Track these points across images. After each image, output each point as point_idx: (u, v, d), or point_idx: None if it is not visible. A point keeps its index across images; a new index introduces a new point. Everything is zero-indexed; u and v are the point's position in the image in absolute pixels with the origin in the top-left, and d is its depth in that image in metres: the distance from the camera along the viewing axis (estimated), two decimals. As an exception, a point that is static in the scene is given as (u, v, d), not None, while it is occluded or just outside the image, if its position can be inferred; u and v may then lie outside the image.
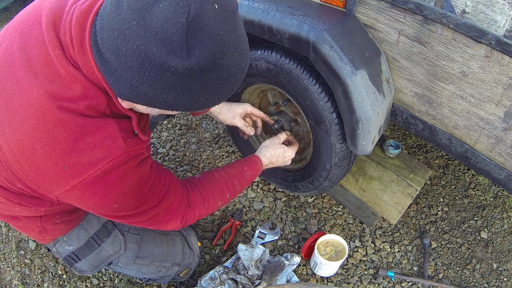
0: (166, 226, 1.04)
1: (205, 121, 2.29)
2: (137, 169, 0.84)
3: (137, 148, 0.83)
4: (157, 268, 1.29)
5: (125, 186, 0.82)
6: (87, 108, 0.75)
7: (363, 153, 1.27)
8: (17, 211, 1.01)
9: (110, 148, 0.76)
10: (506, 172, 1.12)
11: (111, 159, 0.76)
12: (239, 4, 1.30)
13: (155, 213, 0.97)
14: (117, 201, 0.83)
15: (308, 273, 1.58)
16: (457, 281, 1.58)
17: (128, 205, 0.87)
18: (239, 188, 1.20)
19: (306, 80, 1.26)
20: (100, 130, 0.76)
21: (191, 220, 1.09)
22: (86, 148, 0.74)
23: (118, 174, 0.79)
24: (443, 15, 1.00)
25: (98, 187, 0.78)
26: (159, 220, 1.00)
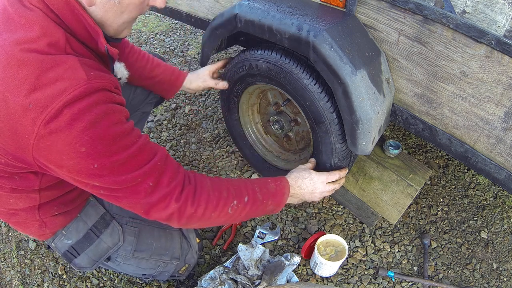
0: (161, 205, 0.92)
1: (205, 121, 2.29)
2: (105, 106, 0.81)
3: (102, 81, 0.82)
4: (156, 263, 1.29)
5: (90, 121, 0.78)
6: (48, 46, 0.78)
7: (363, 153, 1.27)
8: (13, 204, 1.01)
9: (71, 79, 0.77)
10: (506, 172, 1.12)
11: (73, 89, 0.76)
12: (239, 4, 1.30)
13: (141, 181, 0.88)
14: (83, 141, 0.78)
15: (308, 273, 1.58)
16: (457, 281, 1.58)
17: (96, 150, 0.80)
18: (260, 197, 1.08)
19: (306, 80, 1.26)
20: (61, 64, 0.77)
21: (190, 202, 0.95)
22: (48, 83, 0.75)
23: (82, 106, 0.77)
24: (443, 15, 1.00)
25: (62, 121, 0.76)
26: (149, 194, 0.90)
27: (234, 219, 1.07)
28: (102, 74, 0.84)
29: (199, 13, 1.78)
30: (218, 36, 1.44)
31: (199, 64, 1.64)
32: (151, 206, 0.92)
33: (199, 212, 0.98)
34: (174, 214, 0.95)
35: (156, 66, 1.47)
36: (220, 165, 2.00)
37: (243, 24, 1.30)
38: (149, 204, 0.92)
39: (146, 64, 1.45)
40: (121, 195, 0.90)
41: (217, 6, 1.65)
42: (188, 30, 3.22)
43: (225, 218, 1.04)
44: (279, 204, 1.16)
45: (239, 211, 1.05)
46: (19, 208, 1.04)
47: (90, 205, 1.21)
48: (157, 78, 1.48)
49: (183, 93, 2.52)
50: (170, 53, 2.94)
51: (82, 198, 1.18)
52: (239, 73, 1.48)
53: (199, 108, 2.38)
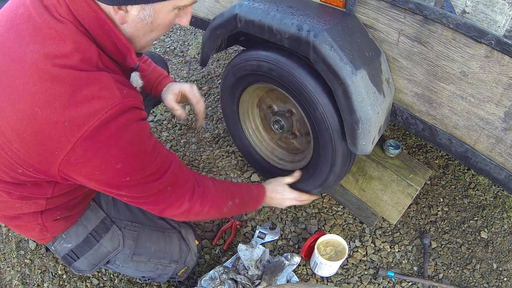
0: (175, 206, 1.04)
1: (205, 121, 2.29)
2: (136, 124, 0.84)
3: (133, 99, 0.84)
4: (155, 266, 1.29)
5: (126, 140, 0.82)
6: (81, 62, 0.77)
7: (363, 153, 1.27)
8: (17, 208, 1.01)
9: (107, 99, 0.77)
10: (506, 172, 1.12)
11: (109, 108, 0.77)
12: (239, 4, 1.30)
13: (162, 187, 0.97)
14: (119, 159, 0.82)
15: (308, 273, 1.58)
16: (457, 281, 1.58)
17: (131, 166, 0.85)
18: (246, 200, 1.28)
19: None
20: (96, 82, 0.77)
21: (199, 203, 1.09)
22: (83, 101, 0.75)
23: (118, 125, 0.79)
24: (443, 15, 1.00)
25: (99, 140, 0.78)
26: (167, 197, 1.00)
27: (224, 216, 1.25)
28: (132, 92, 0.86)
29: (199, 13, 1.78)
30: (218, 36, 1.43)
31: (199, 64, 1.63)
32: (168, 206, 1.03)
33: (205, 210, 1.11)
34: (185, 212, 1.07)
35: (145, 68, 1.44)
36: (220, 165, 2.00)
37: (243, 24, 1.30)
38: (166, 205, 1.02)
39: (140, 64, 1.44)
40: (143, 201, 0.97)
41: (217, 6, 1.65)
42: (188, 30, 3.22)
43: (219, 214, 1.20)
44: (255, 207, 1.37)
45: (230, 210, 1.21)
46: (23, 213, 1.03)
47: (91, 209, 1.20)
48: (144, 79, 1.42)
49: (183, 93, 2.52)
50: (170, 53, 2.94)
51: (84, 203, 1.18)
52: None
53: (199, 108, 2.38)
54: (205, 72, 2.70)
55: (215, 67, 2.75)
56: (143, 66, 1.42)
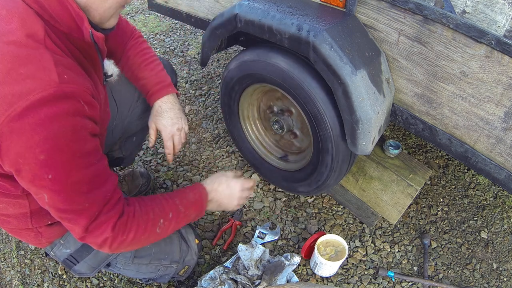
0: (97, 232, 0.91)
1: (205, 121, 2.29)
2: (73, 120, 0.79)
3: (73, 87, 0.79)
4: (156, 267, 1.29)
5: (55, 132, 0.76)
6: (26, 37, 0.76)
7: (363, 153, 1.27)
8: (2, 209, 1.00)
9: (41, 80, 0.74)
10: (506, 172, 1.12)
11: (41, 90, 0.74)
12: (239, 4, 1.30)
13: (87, 207, 0.87)
14: (43, 149, 0.76)
15: (308, 273, 1.58)
16: (457, 281, 1.58)
17: (55, 161, 0.78)
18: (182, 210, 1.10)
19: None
20: (34, 62, 0.75)
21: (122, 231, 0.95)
22: (18, 79, 0.73)
23: (49, 113, 0.75)
24: (443, 15, 1.00)
25: (26, 122, 0.73)
26: (93, 220, 0.89)
27: (162, 236, 1.08)
28: (77, 79, 0.81)
29: (199, 13, 1.78)
30: (218, 36, 1.43)
31: (199, 64, 1.63)
32: (89, 232, 0.91)
33: (129, 238, 0.98)
34: (107, 241, 0.94)
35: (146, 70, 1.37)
36: (220, 165, 2.00)
37: (243, 24, 1.30)
38: (88, 230, 0.91)
39: (140, 64, 1.36)
40: (64, 217, 0.88)
41: (217, 6, 1.65)
42: (188, 30, 3.22)
43: (154, 237, 1.05)
44: (200, 211, 1.18)
45: (166, 228, 1.06)
46: (9, 214, 1.02)
47: None
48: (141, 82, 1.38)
49: (183, 93, 2.52)
50: (170, 53, 2.94)
51: None
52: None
53: (199, 108, 2.38)
54: (205, 72, 2.70)
55: (215, 67, 2.75)
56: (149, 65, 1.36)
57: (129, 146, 1.60)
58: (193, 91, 2.53)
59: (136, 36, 1.38)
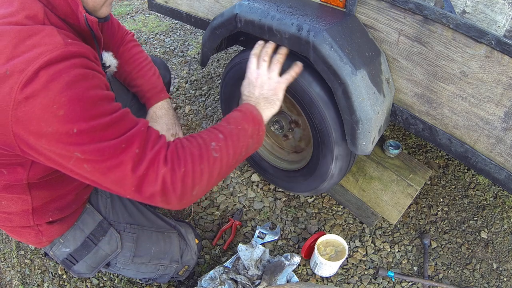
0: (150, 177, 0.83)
1: (205, 121, 2.29)
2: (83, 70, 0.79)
3: (79, 49, 0.80)
4: (156, 267, 1.29)
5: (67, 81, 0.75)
6: (26, 18, 0.79)
7: (363, 153, 1.27)
8: (5, 206, 1.01)
9: (48, 45, 0.76)
10: (506, 172, 1.12)
11: (49, 52, 0.75)
12: (239, 4, 1.30)
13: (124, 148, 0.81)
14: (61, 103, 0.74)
15: (308, 273, 1.58)
16: (457, 281, 1.58)
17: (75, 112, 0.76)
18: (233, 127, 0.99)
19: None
20: (38, 32, 0.78)
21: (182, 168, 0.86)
22: (25, 50, 0.75)
23: (59, 67, 0.76)
24: (443, 15, 1.00)
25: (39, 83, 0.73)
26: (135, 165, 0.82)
27: (227, 162, 0.96)
28: (80, 43, 0.83)
29: (199, 13, 1.78)
30: (218, 36, 1.43)
31: (199, 64, 1.63)
32: (141, 178, 0.83)
33: (189, 169, 0.88)
34: (166, 181, 0.85)
35: (138, 77, 1.38)
36: (220, 165, 2.00)
37: (243, 24, 1.30)
38: (139, 176, 0.83)
39: (132, 71, 1.38)
40: (106, 168, 0.81)
41: (217, 6, 1.65)
42: (188, 30, 3.22)
43: (217, 164, 0.94)
44: (255, 120, 1.06)
45: (224, 149, 0.95)
46: (12, 212, 1.03)
47: (87, 212, 1.20)
48: (135, 89, 1.41)
49: (183, 93, 2.52)
50: (170, 53, 2.94)
51: (77, 204, 1.16)
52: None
53: (199, 108, 2.38)
54: (205, 72, 2.70)
55: (215, 67, 2.75)
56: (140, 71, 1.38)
57: None
58: (193, 91, 2.53)
59: (126, 41, 1.39)
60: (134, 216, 1.28)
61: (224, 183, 1.91)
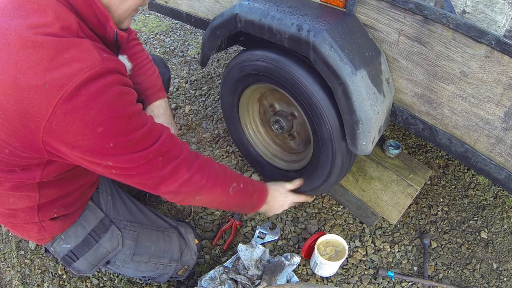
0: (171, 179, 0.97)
1: (205, 121, 2.29)
2: (118, 88, 0.83)
3: (114, 64, 0.84)
4: (155, 266, 1.29)
5: (107, 101, 0.80)
6: (61, 30, 0.79)
7: (363, 153, 1.27)
8: (12, 203, 1.01)
9: (87, 61, 0.78)
10: (506, 172, 1.12)
11: (88, 69, 0.77)
12: (239, 4, 1.30)
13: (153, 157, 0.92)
14: (100, 121, 0.80)
15: (308, 273, 1.58)
16: (457, 281, 1.58)
17: (114, 129, 0.83)
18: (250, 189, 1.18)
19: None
20: (76, 46, 0.79)
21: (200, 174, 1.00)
22: (64, 64, 0.76)
23: (98, 86, 0.79)
24: (443, 15, 1.00)
25: (79, 101, 0.77)
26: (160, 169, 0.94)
27: (228, 202, 1.12)
28: (114, 58, 0.87)
29: (199, 13, 1.78)
30: (218, 36, 1.44)
31: (199, 64, 1.63)
32: (163, 179, 0.96)
33: (209, 185, 1.03)
34: (183, 185, 0.99)
35: (138, 75, 1.42)
36: (220, 165, 2.00)
37: (243, 24, 1.30)
38: (161, 178, 0.96)
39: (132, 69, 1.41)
40: (133, 173, 0.92)
41: (217, 6, 1.65)
42: (188, 30, 3.22)
43: (225, 197, 1.09)
44: (259, 202, 1.25)
45: (237, 195, 1.11)
46: (18, 208, 1.03)
47: (89, 209, 1.20)
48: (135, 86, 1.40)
49: (183, 93, 2.52)
50: (170, 53, 2.94)
51: (81, 201, 1.17)
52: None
53: (199, 108, 2.38)
54: (205, 72, 2.70)
55: (215, 67, 2.75)
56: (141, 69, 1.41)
57: None
58: (193, 91, 2.53)
59: (129, 40, 1.40)
60: (134, 214, 1.29)
61: (224, 183, 1.91)
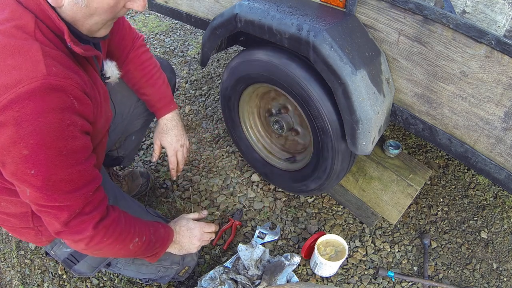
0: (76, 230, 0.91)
1: (205, 121, 2.29)
2: (61, 115, 0.77)
3: (61, 81, 0.76)
4: (156, 268, 1.29)
5: (41, 127, 0.74)
6: (15, 28, 0.75)
7: (363, 153, 1.27)
8: (4, 207, 1.00)
9: (28, 71, 0.72)
10: (506, 172, 1.12)
11: (28, 82, 0.72)
12: (239, 4, 1.30)
13: (67, 205, 0.86)
14: (27, 144, 0.74)
15: (308, 273, 1.58)
16: (457, 281, 1.58)
17: (39, 159, 0.77)
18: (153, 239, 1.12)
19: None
20: (22, 53, 0.73)
21: (103, 233, 0.95)
22: (4, 70, 0.72)
23: (35, 107, 0.73)
24: (443, 15, 1.00)
25: (11, 116, 0.71)
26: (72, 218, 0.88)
27: (127, 254, 1.08)
28: (66, 73, 0.78)
29: (199, 13, 1.78)
30: (218, 36, 1.44)
31: (199, 64, 1.63)
32: (68, 229, 0.91)
33: (108, 242, 0.98)
34: (84, 239, 0.94)
35: (147, 86, 1.38)
36: (220, 165, 2.00)
37: (243, 24, 1.30)
38: (66, 228, 0.90)
39: (141, 79, 1.37)
40: (45, 211, 0.87)
41: (217, 6, 1.65)
42: (188, 30, 3.22)
43: (124, 252, 1.05)
44: (162, 248, 1.19)
45: (137, 248, 1.07)
46: (11, 213, 1.02)
47: None
48: (144, 97, 1.41)
49: (183, 93, 2.52)
50: (170, 53, 2.94)
51: None
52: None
53: (199, 108, 2.38)
54: (205, 72, 2.70)
55: (215, 67, 2.75)
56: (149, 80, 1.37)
57: (129, 145, 1.60)
58: (193, 91, 2.53)
59: (137, 47, 1.36)
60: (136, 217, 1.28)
61: (224, 183, 1.91)
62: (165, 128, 1.42)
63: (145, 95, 1.39)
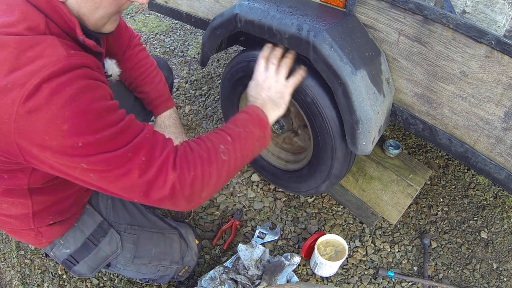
0: (158, 183, 0.84)
1: (205, 121, 2.29)
2: (86, 81, 0.78)
3: (82, 60, 0.79)
4: (156, 268, 1.29)
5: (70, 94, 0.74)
6: (27, 30, 0.76)
7: (363, 153, 1.27)
8: (5, 209, 1.00)
9: (50, 57, 0.74)
10: (506, 172, 1.12)
11: (51, 65, 0.73)
12: (239, 4, 1.30)
13: (130, 157, 0.81)
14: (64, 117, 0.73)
15: (308, 273, 1.58)
16: (457, 281, 1.58)
17: (79, 126, 0.75)
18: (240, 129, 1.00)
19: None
20: (40, 43, 0.75)
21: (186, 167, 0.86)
22: (28, 62, 0.73)
23: (62, 80, 0.74)
24: (443, 15, 1.00)
25: (42, 97, 0.72)
26: (144, 171, 0.82)
27: (235, 164, 0.97)
28: (83, 53, 0.81)
29: (199, 13, 1.78)
30: (218, 36, 1.43)
31: (199, 64, 1.63)
32: (150, 184, 0.84)
33: (199, 173, 0.88)
34: (175, 186, 0.85)
35: (144, 84, 1.38)
36: (220, 165, 2.00)
37: (243, 24, 1.30)
38: (147, 183, 0.83)
39: (138, 77, 1.38)
40: (113, 177, 0.81)
41: (217, 6, 1.65)
42: (188, 30, 3.22)
43: (226, 167, 0.94)
44: (262, 123, 1.06)
45: (232, 152, 0.96)
46: (12, 215, 1.02)
47: (87, 213, 1.20)
48: (141, 95, 1.42)
49: (183, 93, 2.52)
50: (170, 53, 2.94)
51: (78, 206, 1.16)
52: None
53: (199, 108, 2.38)
54: (205, 72, 2.70)
55: (215, 67, 2.75)
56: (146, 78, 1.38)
57: None
58: (193, 91, 2.53)
59: (133, 46, 1.37)
60: (135, 217, 1.28)
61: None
62: (163, 125, 1.42)
63: (142, 93, 1.40)
